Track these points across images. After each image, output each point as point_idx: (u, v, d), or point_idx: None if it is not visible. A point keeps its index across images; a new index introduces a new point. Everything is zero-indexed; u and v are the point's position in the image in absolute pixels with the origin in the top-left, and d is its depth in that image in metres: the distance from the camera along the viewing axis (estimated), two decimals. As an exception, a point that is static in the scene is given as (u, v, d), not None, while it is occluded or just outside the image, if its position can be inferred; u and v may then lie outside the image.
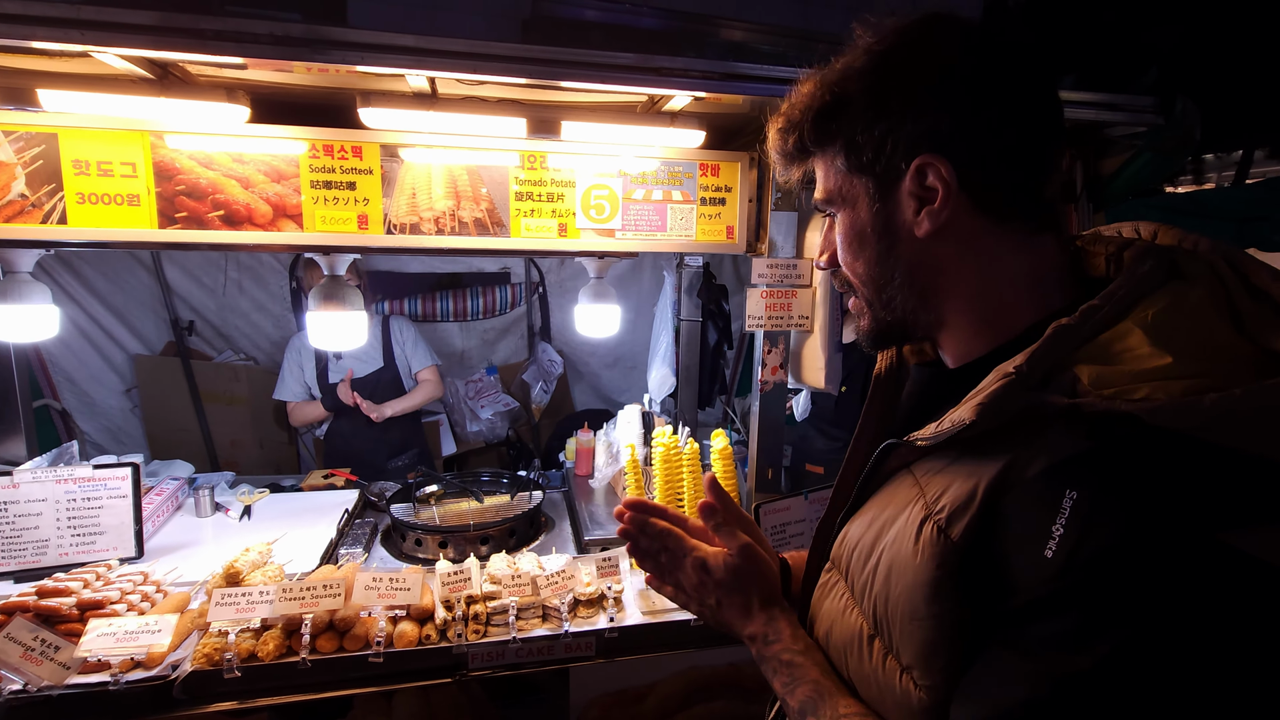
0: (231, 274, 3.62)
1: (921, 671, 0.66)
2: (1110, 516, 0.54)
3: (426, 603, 1.71)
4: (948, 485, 0.66)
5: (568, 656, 1.72)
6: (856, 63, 0.73)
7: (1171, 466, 0.54)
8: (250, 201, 1.70)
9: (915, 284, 0.75)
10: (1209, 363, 0.56)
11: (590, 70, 1.36)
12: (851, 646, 0.76)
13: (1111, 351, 0.59)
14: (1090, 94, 1.59)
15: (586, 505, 2.53)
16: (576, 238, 1.88)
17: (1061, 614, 0.54)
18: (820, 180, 0.80)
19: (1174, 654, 0.50)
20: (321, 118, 1.70)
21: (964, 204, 0.69)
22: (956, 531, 0.63)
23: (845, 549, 0.80)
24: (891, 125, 0.70)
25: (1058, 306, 0.67)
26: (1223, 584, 0.50)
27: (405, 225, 1.79)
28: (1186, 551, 0.51)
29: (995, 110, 0.68)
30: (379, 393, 3.10)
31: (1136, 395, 0.55)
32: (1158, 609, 0.51)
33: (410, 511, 2.34)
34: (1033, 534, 0.57)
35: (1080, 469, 0.57)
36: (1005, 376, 0.62)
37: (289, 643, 1.61)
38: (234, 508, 2.47)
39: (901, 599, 0.67)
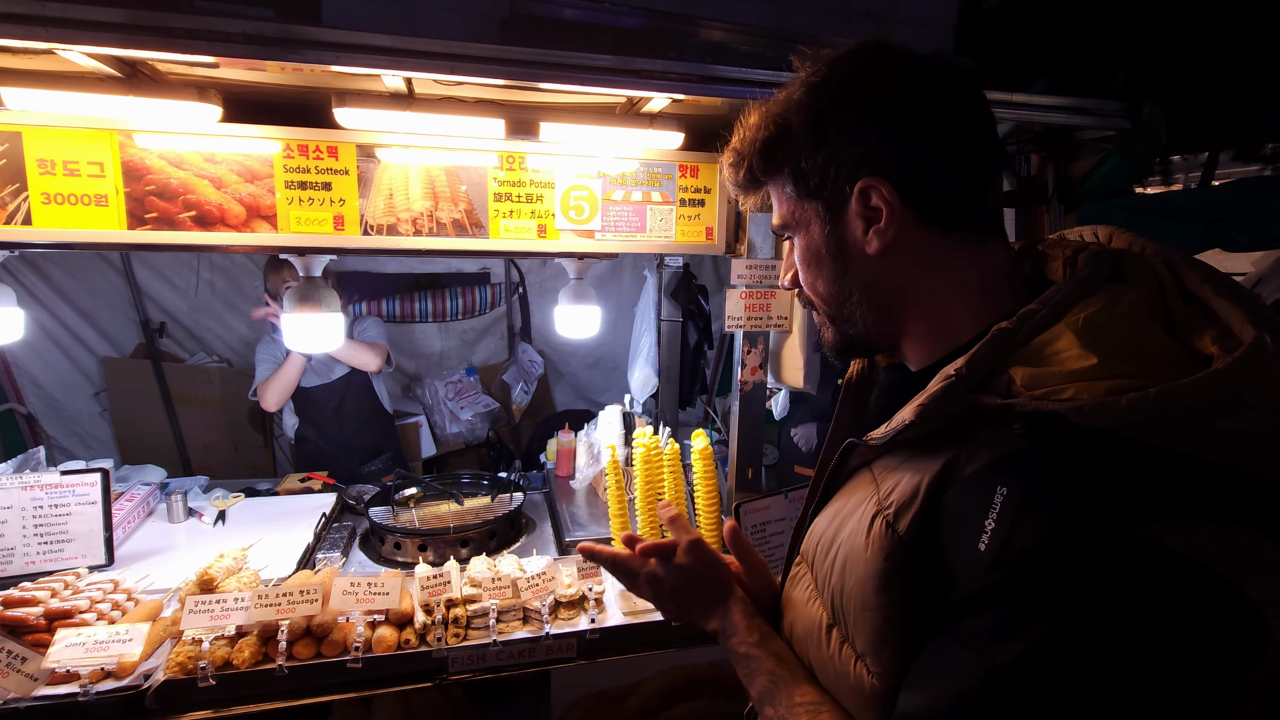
0: (204, 275, 3.56)
1: (873, 659, 0.69)
2: (1036, 512, 0.56)
3: (405, 607, 1.70)
4: (897, 482, 0.70)
5: (549, 659, 1.72)
6: (796, 95, 0.77)
7: (1094, 464, 0.56)
8: (223, 202, 1.68)
9: (873, 299, 0.79)
10: (1136, 363, 0.59)
11: (569, 72, 1.36)
12: (812, 635, 0.79)
13: (1044, 354, 0.63)
14: (1060, 98, 1.62)
15: (567, 506, 2.52)
16: (556, 239, 1.88)
17: (993, 605, 0.57)
18: (775, 206, 0.84)
19: (1094, 644, 0.52)
20: (296, 117, 1.67)
21: (909, 220, 0.73)
22: (903, 525, 0.66)
23: (811, 543, 0.84)
24: (832, 152, 0.74)
25: (1008, 310, 0.70)
26: (1138, 576, 0.52)
27: (382, 226, 1.77)
28: (1105, 545, 0.53)
29: (929, 132, 0.72)
30: (348, 399, 3.04)
31: (1064, 395, 0.58)
32: (1079, 600, 0.53)
33: (389, 514, 2.32)
34: (968, 528, 0.60)
35: (1011, 466, 0.60)
36: (947, 379, 0.66)
37: (265, 650, 1.59)
38: (208, 513, 2.42)
39: (855, 590, 0.70)
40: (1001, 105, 1.58)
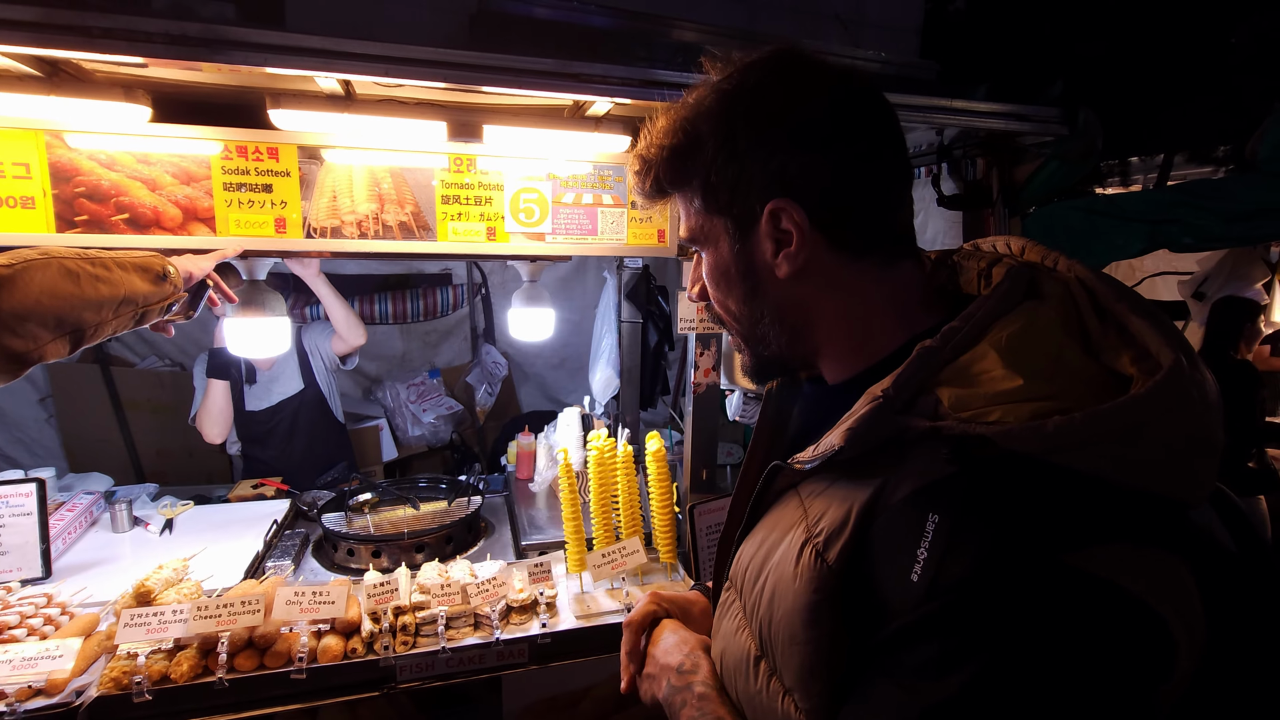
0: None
1: (801, 694, 0.65)
2: (968, 541, 0.54)
3: (353, 615, 1.68)
4: (826, 508, 0.66)
5: (500, 664, 1.71)
6: (706, 101, 0.73)
7: (1020, 490, 0.55)
8: (158, 204, 1.63)
9: (784, 321, 0.76)
10: (1056, 384, 0.58)
11: (509, 75, 1.34)
12: (741, 667, 0.74)
13: (970, 374, 0.61)
14: (1001, 105, 1.66)
15: (526, 510, 2.51)
16: (506, 241, 1.86)
17: (927, 640, 0.55)
18: (683, 218, 0.80)
19: (1028, 676, 0.51)
20: (234, 118, 1.63)
21: (820, 243, 0.71)
22: (833, 555, 0.63)
23: (739, 569, 0.79)
24: (743, 167, 0.71)
25: (924, 327, 0.70)
26: (1067, 606, 0.51)
27: (326, 229, 1.74)
28: (1035, 576, 0.52)
29: (842, 152, 0.69)
30: (301, 418, 2.92)
31: (990, 418, 0.57)
32: (1012, 634, 0.52)
33: (343, 521, 2.28)
34: (900, 558, 0.57)
35: (942, 493, 0.58)
36: (874, 400, 0.63)
37: (205, 662, 1.55)
38: (154, 521, 2.36)
39: (783, 622, 0.66)
40: (943, 111, 1.61)
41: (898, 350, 0.71)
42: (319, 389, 2.95)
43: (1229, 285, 3.63)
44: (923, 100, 1.58)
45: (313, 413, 2.92)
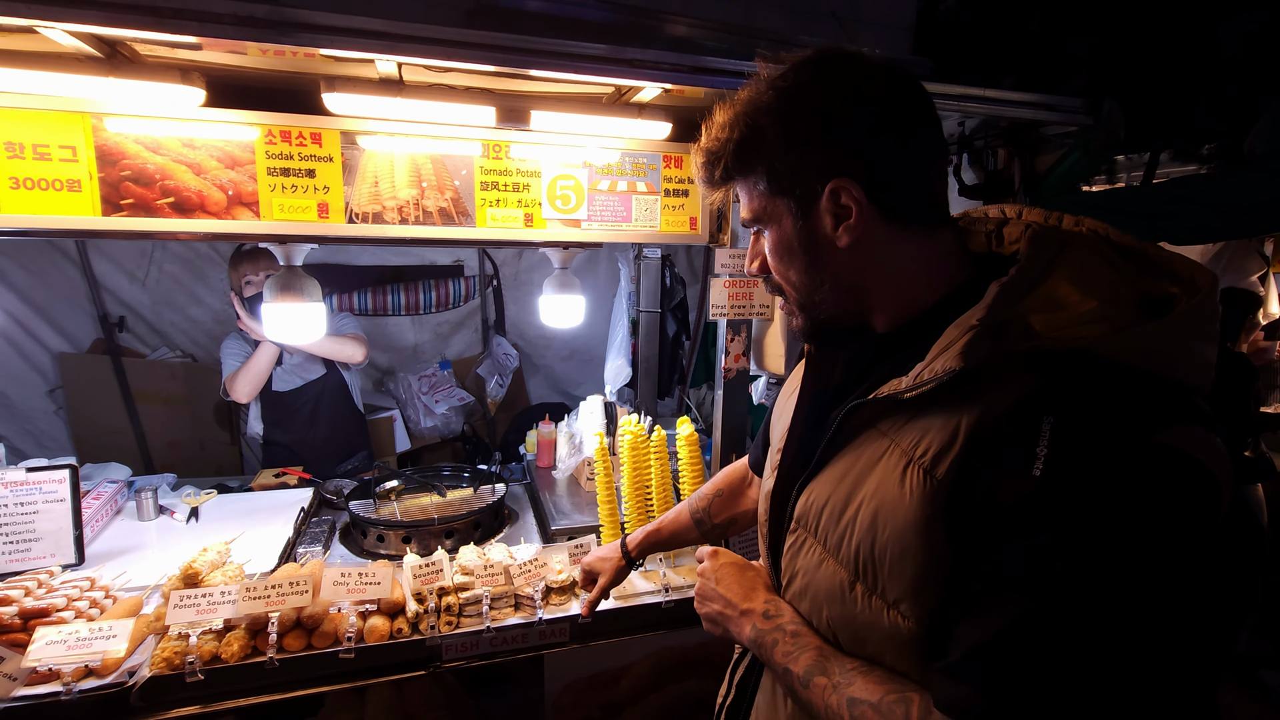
0: (169, 267, 3.44)
1: (910, 604, 0.73)
2: (1082, 433, 0.65)
3: (397, 596, 1.70)
4: (924, 433, 0.74)
5: (542, 644, 1.74)
6: (764, 97, 0.82)
7: (1111, 389, 0.67)
8: (202, 188, 1.64)
9: (842, 286, 0.86)
10: (1117, 306, 0.72)
11: (561, 60, 1.37)
12: (834, 594, 0.82)
13: (1053, 301, 0.73)
14: (1028, 95, 1.70)
15: (550, 496, 2.53)
16: (543, 228, 1.89)
17: (1053, 526, 0.64)
18: (745, 201, 0.89)
19: (1147, 527, 0.62)
20: (278, 103, 1.64)
21: (875, 215, 0.80)
22: (941, 471, 0.71)
23: (811, 509, 0.87)
24: (804, 153, 0.81)
25: (961, 280, 0.83)
26: (1164, 475, 0.63)
27: (368, 214, 1.76)
28: (1138, 453, 0.64)
29: (889, 135, 0.79)
30: (323, 402, 2.94)
31: (1080, 334, 0.69)
32: (1130, 498, 0.63)
33: (370, 508, 2.30)
34: (1019, 458, 0.66)
35: (1051, 398, 0.67)
36: (971, 329, 0.72)
37: (254, 643, 1.57)
38: (179, 510, 2.36)
39: (892, 540, 0.74)
40: (973, 100, 1.65)
41: (942, 300, 0.83)
42: (340, 376, 2.97)
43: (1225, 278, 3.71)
44: (957, 89, 1.62)
45: (334, 399, 2.94)
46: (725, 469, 1.51)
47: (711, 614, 1.04)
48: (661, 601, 1.82)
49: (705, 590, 1.06)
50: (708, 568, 1.08)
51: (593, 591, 1.57)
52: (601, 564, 1.59)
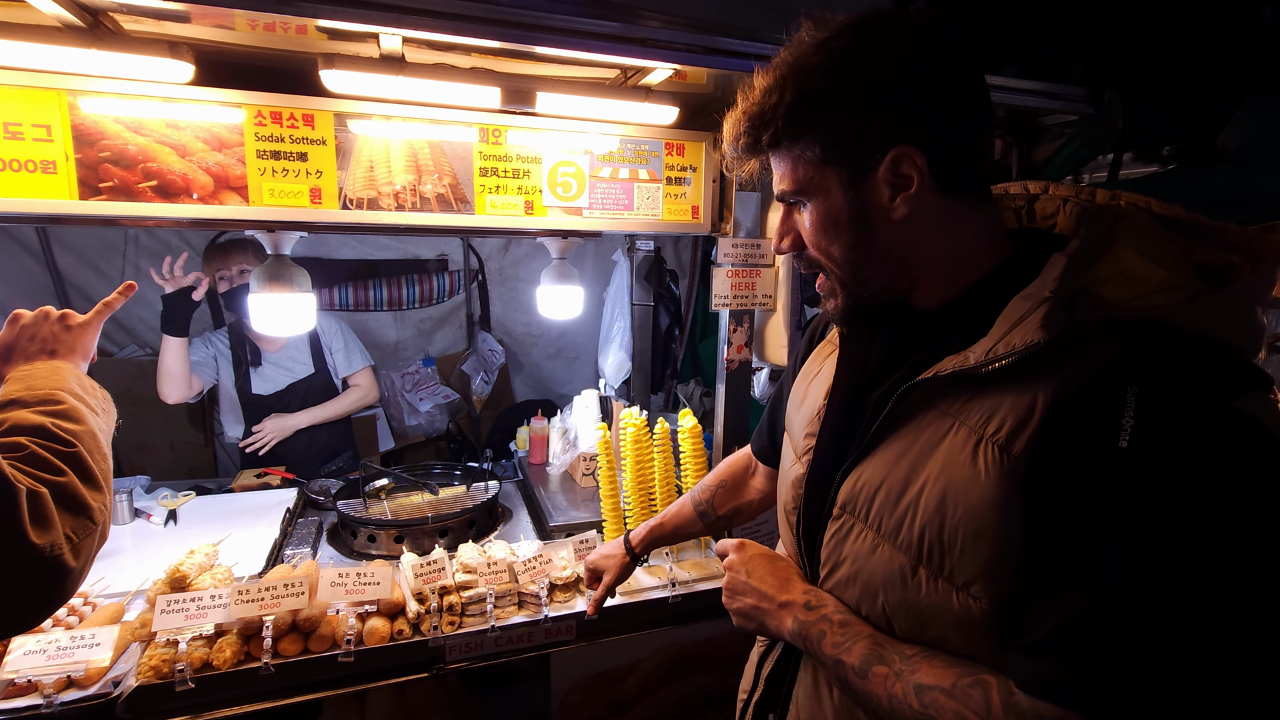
0: (139, 262, 3.30)
1: (983, 585, 0.71)
2: (1167, 404, 0.64)
3: (396, 597, 1.63)
4: (994, 410, 0.72)
5: (548, 642, 1.69)
6: (816, 58, 0.78)
7: (1193, 356, 0.67)
8: (188, 171, 1.56)
9: (891, 260, 0.82)
10: (1184, 274, 0.71)
11: (573, 37, 1.33)
12: (892, 580, 0.79)
13: (1121, 272, 0.72)
14: (1033, 82, 1.71)
15: (545, 492, 2.48)
16: (544, 216, 1.84)
17: (1142, 496, 0.63)
18: (785, 172, 0.84)
19: (1234, 492, 0.62)
20: (271, 82, 1.57)
21: (933, 187, 0.78)
22: (1018, 447, 0.69)
23: (861, 494, 0.83)
24: (865, 119, 0.76)
25: (1006, 254, 0.82)
26: (1245, 439, 0.63)
27: (363, 200, 1.69)
28: (1221, 421, 0.63)
29: (952, 103, 0.77)
30: (309, 403, 2.80)
31: (1153, 303, 0.69)
32: (1217, 464, 0.62)
33: (360, 507, 2.22)
34: (1104, 429, 0.65)
35: (1133, 368, 0.66)
36: (1045, 300, 0.71)
37: (248, 648, 1.49)
38: (156, 513, 2.26)
39: (964, 520, 0.72)
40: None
41: (987, 276, 0.81)
42: (329, 375, 2.85)
43: (1199, 271, 3.81)
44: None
45: (320, 398, 2.81)
46: (726, 460, 1.49)
47: (745, 609, 0.99)
48: (668, 596, 1.79)
49: (736, 584, 1.01)
50: (735, 560, 1.03)
51: (598, 589, 1.54)
52: (605, 561, 1.56)
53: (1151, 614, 0.62)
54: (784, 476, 1.04)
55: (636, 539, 1.52)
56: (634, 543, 1.52)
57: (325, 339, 2.84)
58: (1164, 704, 0.62)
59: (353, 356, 2.89)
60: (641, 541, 1.51)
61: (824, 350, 1.04)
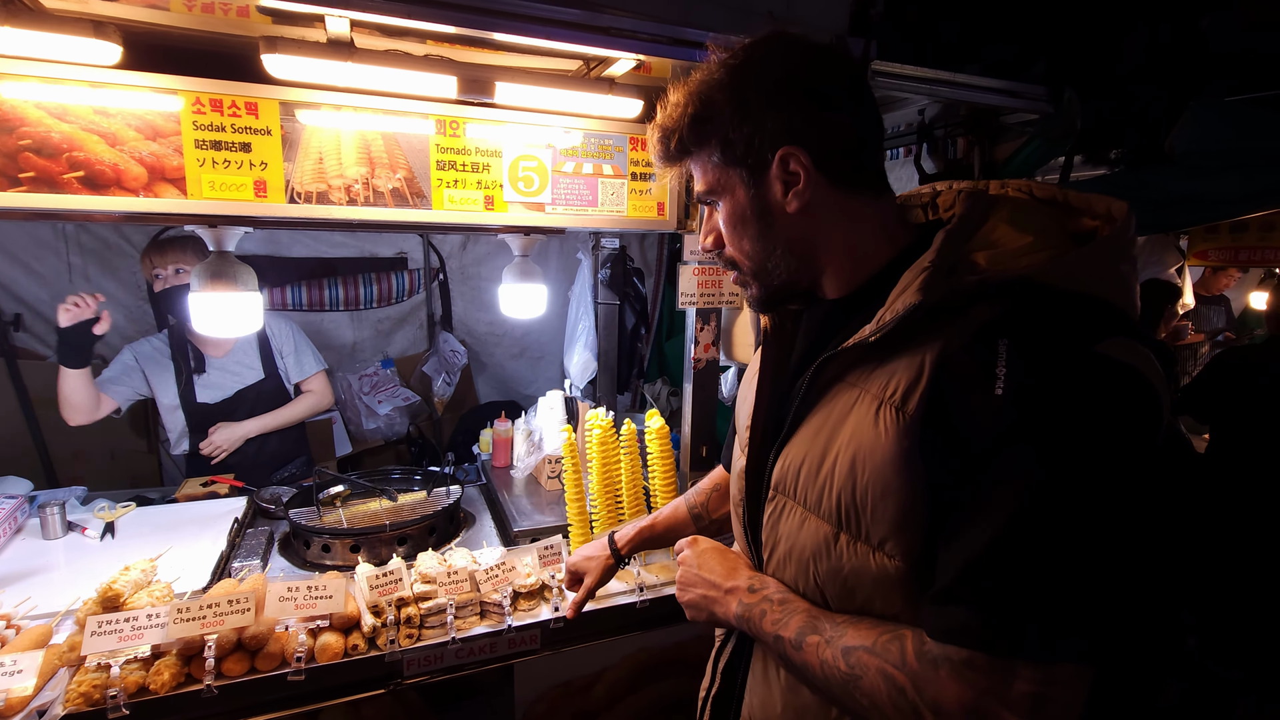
0: (73, 260, 3.12)
1: (895, 542, 0.77)
2: (1033, 351, 0.70)
3: (351, 610, 1.56)
4: (891, 375, 0.79)
5: (511, 652, 1.63)
6: (716, 75, 0.87)
7: (1058, 308, 0.73)
8: (119, 161, 1.45)
9: (794, 251, 0.90)
10: (1050, 238, 0.79)
11: (533, 24, 1.27)
12: (819, 550, 0.85)
13: (993, 240, 0.80)
14: (996, 80, 1.72)
15: (509, 497, 2.42)
16: (505, 211, 1.78)
17: (1020, 439, 0.68)
18: (699, 176, 0.93)
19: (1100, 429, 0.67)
20: (209, 68, 1.47)
21: (822, 181, 0.86)
22: (911, 406, 0.75)
23: (789, 471, 0.90)
24: (756, 125, 0.85)
25: (905, 244, 0.89)
26: (1109, 381, 0.69)
27: (312, 194, 1.61)
28: (1085, 363, 0.69)
29: (833, 107, 0.86)
30: (259, 410, 2.64)
31: (1021, 264, 0.76)
32: (1084, 403, 0.68)
33: (313, 516, 2.13)
34: (982, 381, 0.70)
35: (1003, 322, 0.73)
36: (924, 270, 0.78)
37: (188, 670, 1.40)
38: (92, 526, 2.12)
39: (873, 480, 0.78)
40: (947, 84, 1.65)
41: (890, 263, 0.88)
42: (280, 380, 2.70)
43: (1146, 270, 3.94)
44: (929, 73, 1.62)
45: (271, 405, 2.66)
46: (719, 467, 1.47)
47: (695, 599, 1.04)
48: (636, 601, 1.75)
49: (688, 577, 1.06)
50: (689, 555, 1.09)
51: (579, 592, 1.52)
52: (588, 563, 1.54)
53: (1038, 549, 0.67)
54: (733, 473, 1.09)
55: (623, 540, 1.50)
56: (621, 544, 1.51)
57: (275, 342, 2.70)
58: (1055, 629, 0.67)
59: (305, 360, 2.74)
60: (630, 543, 1.50)
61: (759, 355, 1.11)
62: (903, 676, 0.74)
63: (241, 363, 2.63)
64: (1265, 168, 2.48)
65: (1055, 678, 0.67)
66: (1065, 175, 2.96)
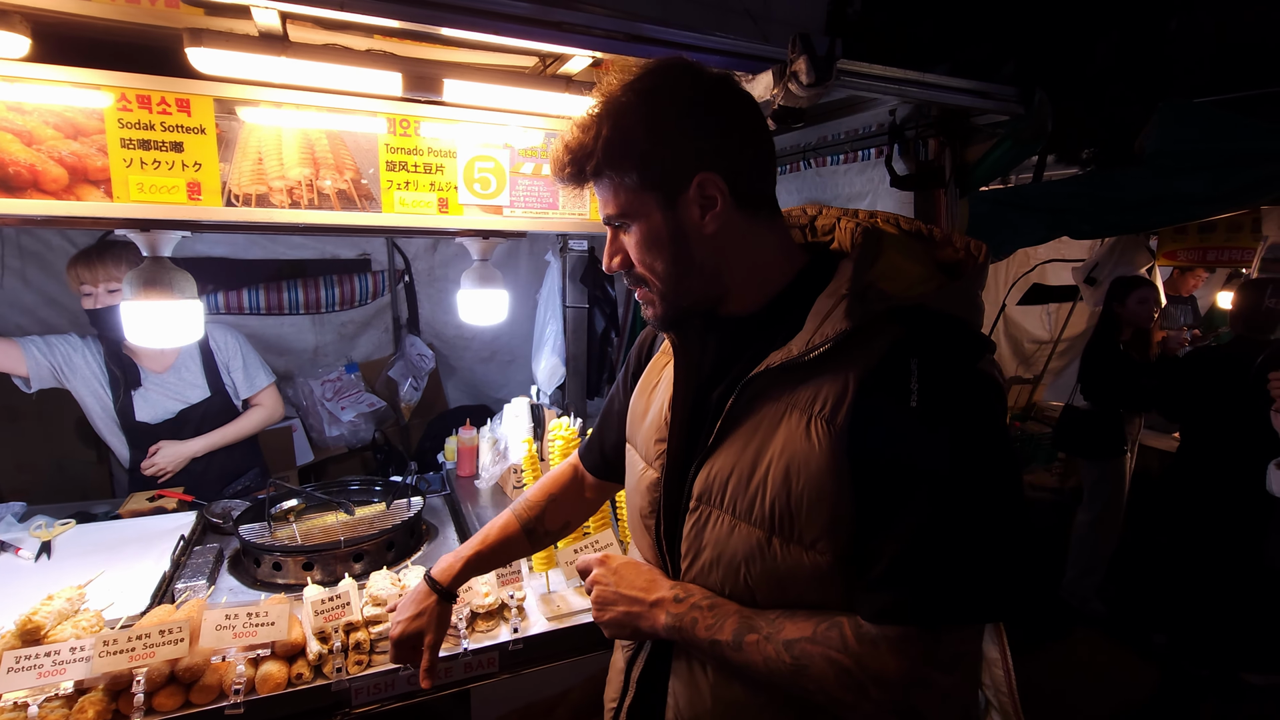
0: (11, 262, 2.96)
1: (827, 541, 0.84)
2: (938, 369, 0.82)
3: (295, 636, 1.48)
4: (817, 390, 0.86)
5: (468, 677, 1.56)
6: (624, 99, 0.89)
7: (948, 331, 0.86)
8: (35, 161, 1.35)
9: (706, 271, 0.94)
10: (931, 269, 0.92)
11: (480, 18, 1.19)
12: (752, 554, 0.90)
13: (895, 272, 0.89)
14: (965, 81, 1.67)
15: (474, 508, 2.34)
16: (460, 214, 1.70)
17: (930, 442, 0.80)
18: (609, 198, 0.94)
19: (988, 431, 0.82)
20: (134, 61, 1.38)
21: (733, 205, 0.91)
22: (840, 419, 0.84)
23: (715, 483, 0.93)
24: (674, 150, 0.88)
25: (802, 263, 0.98)
26: (986, 392, 0.84)
27: (250, 196, 1.51)
28: (973, 379, 0.83)
29: (739, 134, 0.91)
30: (205, 428, 2.48)
31: (917, 291, 0.87)
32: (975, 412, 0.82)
33: (264, 532, 2.03)
34: (898, 394, 0.81)
35: (912, 343, 0.84)
36: (844, 296, 0.87)
37: (115, 705, 1.31)
38: (26, 545, 2.01)
39: (807, 487, 0.85)
40: (916, 84, 1.61)
41: (791, 283, 0.96)
42: (228, 396, 2.55)
43: (1117, 269, 3.97)
44: (899, 73, 1.57)
45: (219, 423, 2.52)
46: (552, 475, 1.45)
47: (618, 617, 1.03)
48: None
49: (606, 595, 1.05)
50: (602, 574, 1.08)
51: (423, 657, 1.27)
52: (416, 621, 1.28)
53: (951, 533, 0.79)
54: (636, 485, 1.10)
55: (447, 574, 1.31)
56: (442, 579, 1.30)
57: (221, 356, 2.54)
58: (972, 596, 0.79)
59: (254, 375, 2.60)
60: (453, 576, 1.31)
61: (659, 362, 1.14)
62: (846, 659, 0.83)
63: (184, 380, 2.47)
64: (1233, 169, 2.48)
65: (969, 635, 0.82)
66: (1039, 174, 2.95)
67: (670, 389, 1.04)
